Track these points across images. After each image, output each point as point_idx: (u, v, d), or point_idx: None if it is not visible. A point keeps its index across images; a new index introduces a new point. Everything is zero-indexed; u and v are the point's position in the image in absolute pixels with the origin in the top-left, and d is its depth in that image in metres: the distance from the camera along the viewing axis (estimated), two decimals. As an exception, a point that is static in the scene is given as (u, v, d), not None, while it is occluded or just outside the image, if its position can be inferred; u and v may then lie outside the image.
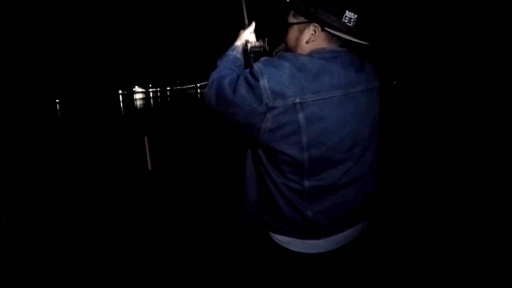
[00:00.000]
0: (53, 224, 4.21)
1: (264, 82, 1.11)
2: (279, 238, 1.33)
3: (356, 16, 1.20)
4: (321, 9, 1.18)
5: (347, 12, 1.18)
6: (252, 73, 1.15)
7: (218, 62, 1.37)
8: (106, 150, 9.67)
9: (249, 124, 1.17)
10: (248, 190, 1.40)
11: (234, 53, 1.40)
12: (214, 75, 1.29)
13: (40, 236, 3.90)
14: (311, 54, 1.22)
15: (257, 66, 1.16)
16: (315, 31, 1.23)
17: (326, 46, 1.24)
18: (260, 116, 1.13)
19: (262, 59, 1.25)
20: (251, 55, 1.45)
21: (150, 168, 6.27)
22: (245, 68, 1.38)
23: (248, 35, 1.46)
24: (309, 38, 1.24)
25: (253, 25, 1.48)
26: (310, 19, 1.21)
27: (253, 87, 1.12)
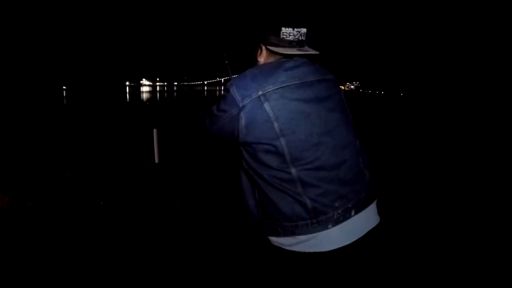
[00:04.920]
0: (54, 209, 4.17)
1: (233, 90, 1.32)
2: (286, 242, 1.32)
3: (297, 30, 1.40)
4: (264, 32, 1.42)
5: (283, 29, 1.39)
6: (225, 89, 1.37)
7: None
8: (112, 140, 9.62)
9: (232, 130, 1.33)
10: (247, 203, 1.44)
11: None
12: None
13: (41, 220, 3.86)
14: (264, 63, 1.45)
15: (229, 82, 1.38)
16: (261, 50, 1.46)
17: (273, 59, 1.44)
18: (236, 117, 1.30)
19: (233, 76, 1.53)
20: None
21: (157, 161, 6.23)
22: None
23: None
24: (257, 54, 1.48)
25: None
26: (257, 42, 1.46)
27: (226, 98, 1.34)
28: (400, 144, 9.87)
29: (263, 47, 1.45)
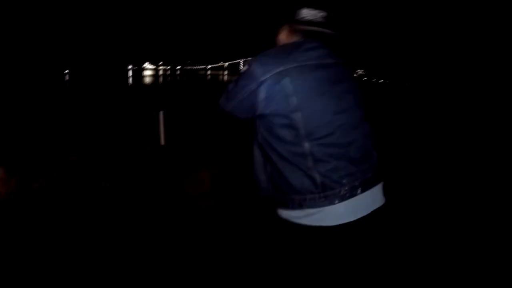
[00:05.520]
0: (60, 191, 4.16)
1: (255, 65, 1.39)
2: (294, 214, 1.39)
3: (318, 12, 1.51)
4: (288, 12, 1.55)
5: (305, 9, 1.50)
6: (246, 65, 1.43)
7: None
8: (117, 123, 9.60)
9: (251, 104, 1.40)
10: (258, 177, 1.56)
11: None
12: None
13: (47, 202, 3.85)
14: (285, 44, 1.54)
15: (250, 59, 1.43)
16: (283, 29, 1.59)
17: (294, 39, 1.53)
18: (256, 91, 1.37)
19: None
20: None
21: (163, 143, 6.21)
22: None
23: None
24: (279, 34, 1.61)
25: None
26: (281, 21, 1.59)
27: (247, 73, 1.40)
28: (402, 135, 9.81)
29: (286, 26, 1.58)
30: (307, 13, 1.51)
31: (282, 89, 1.34)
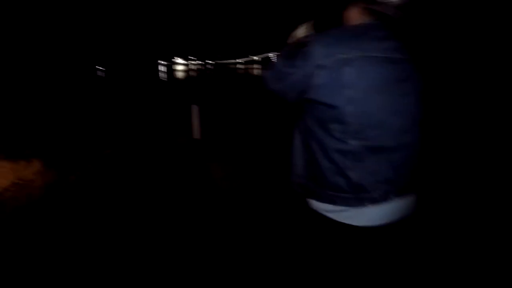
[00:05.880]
0: (96, 184, 4.23)
1: (313, 46, 1.23)
2: (324, 207, 1.36)
3: None
4: None
5: None
6: (302, 43, 1.30)
7: (281, 52, 1.49)
8: (151, 118, 9.69)
9: (303, 88, 1.27)
10: (295, 160, 1.47)
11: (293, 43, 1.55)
12: (273, 60, 1.44)
13: (83, 194, 3.91)
14: (353, 26, 1.34)
15: (308, 36, 1.35)
16: (355, 6, 1.35)
17: (364, 20, 1.32)
18: (310, 75, 1.23)
19: (312, 33, 1.43)
20: None
21: (196, 137, 6.21)
22: None
23: (309, 28, 1.57)
24: (349, 11, 1.37)
25: (313, 20, 1.57)
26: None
27: (303, 53, 1.25)
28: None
29: (359, 4, 1.34)
30: None
31: (340, 78, 1.21)
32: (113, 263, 2.68)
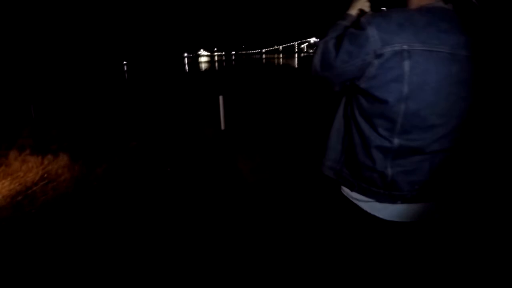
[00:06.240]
0: (123, 176, 4.21)
1: (372, 30, 1.09)
2: (354, 196, 1.33)
3: None
4: None
5: None
6: (357, 25, 1.14)
7: (329, 30, 1.33)
8: (176, 109, 9.71)
9: (355, 75, 1.16)
10: (332, 144, 1.41)
11: (345, 22, 1.35)
12: (320, 42, 1.28)
13: (111, 186, 3.89)
14: (418, 9, 1.16)
15: (364, 18, 1.14)
16: None
17: (432, 0, 1.17)
18: (366, 64, 1.11)
19: (369, 13, 1.25)
20: None
21: (223, 127, 6.15)
22: None
23: (363, 4, 1.40)
24: None
25: None
26: None
27: (358, 37, 1.12)
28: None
29: None
30: None
31: (396, 72, 1.09)
32: (143, 251, 2.67)
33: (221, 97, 6.20)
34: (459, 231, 2.75)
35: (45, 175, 4.11)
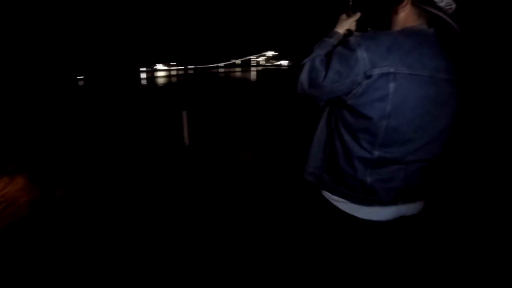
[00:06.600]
0: (84, 197, 4.06)
1: (362, 52, 1.17)
2: (334, 198, 1.42)
3: (453, 4, 1.23)
4: None
5: None
6: (347, 46, 1.21)
7: (315, 47, 1.42)
8: (136, 125, 9.57)
9: (342, 94, 1.24)
10: (313, 152, 1.49)
11: (332, 40, 1.44)
12: (307, 59, 1.33)
13: (72, 208, 3.74)
14: (403, 31, 1.26)
15: (353, 38, 1.21)
16: (408, 4, 1.27)
17: (415, 23, 1.28)
18: (355, 84, 1.19)
19: (357, 33, 1.28)
20: None
21: (187, 143, 6.08)
22: None
23: (351, 24, 1.49)
24: (400, 6, 1.28)
25: (358, 15, 1.50)
26: None
27: (348, 58, 1.19)
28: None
29: (410, 2, 1.28)
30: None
31: (382, 92, 1.18)
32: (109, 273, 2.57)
33: (184, 112, 6.14)
34: (432, 229, 2.85)
35: (2, 199, 3.90)
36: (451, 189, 3.70)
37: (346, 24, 1.49)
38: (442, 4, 1.22)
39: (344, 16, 1.51)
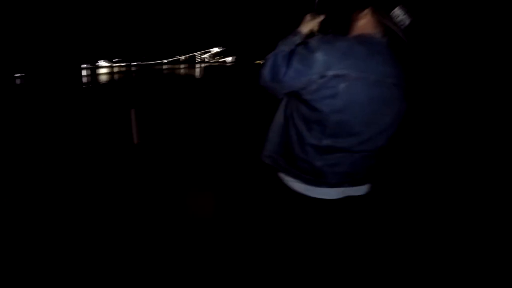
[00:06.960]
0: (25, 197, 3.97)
1: (319, 54, 1.32)
2: (288, 179, 1.61)
3: (405, 17, 1.39)
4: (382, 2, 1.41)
5: (397, 9, 1.38)
6: (307, 47, 1.36)
7: (279, 43, 1.55)
8: (82, 124, 9.26)
9: (299, 89, 1.39)
10: (271, 137, 1.66)
11: (296, 38, 1.57)
12: (271, 54, 1.47)
13: (23, 216, 3.58)
14: (359, 38, 1.42)
15: (314, 41, 1.38)
16: (365, 13, 1.44)
17: (373, 31, 1.45)
18: (311, 82, 1.35)
19: (316, 36, 1.46)
20: None
21: (136, 141, 6.05)
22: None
23: (314, 25, 1.63)
24: (359, 15, 1.45)
25: (322, 16, 1.61)
26: (368, 3, 1.43)
27: (307, 58, 1.34)
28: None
29: (372, 12, 1.45)
30: (398, 13, 1.40)
31: (333, 90, 1.35)
32: None
33: (133, 110, 6.11)
34: (377, 208, 3.10)
35: None
36: (394, 176, 4.02)
37: (310, 25, 1.63)
38: (397, 20, 1.40)
39: (309, 16, 1.64)
